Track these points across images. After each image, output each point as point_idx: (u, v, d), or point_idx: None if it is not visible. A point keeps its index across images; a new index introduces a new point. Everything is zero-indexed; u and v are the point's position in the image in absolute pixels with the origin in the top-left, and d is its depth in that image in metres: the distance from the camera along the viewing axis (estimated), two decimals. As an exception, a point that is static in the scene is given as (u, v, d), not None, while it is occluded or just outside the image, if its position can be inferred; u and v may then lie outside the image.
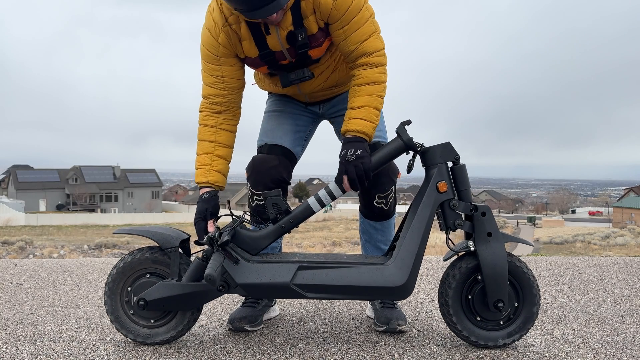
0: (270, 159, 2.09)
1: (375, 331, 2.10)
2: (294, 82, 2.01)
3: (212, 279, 1.69)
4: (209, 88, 1.99)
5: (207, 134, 2.00)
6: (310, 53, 1.95)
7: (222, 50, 1.95)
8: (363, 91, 1.91)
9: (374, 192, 2.08)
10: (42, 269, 3.27)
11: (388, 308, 2.13)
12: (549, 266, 3.48)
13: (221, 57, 1.95)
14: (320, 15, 1.87)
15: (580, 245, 31.35)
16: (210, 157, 1.99)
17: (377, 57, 1.91)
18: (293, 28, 1.88)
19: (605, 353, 1.89)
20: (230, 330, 2.07)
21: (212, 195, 1.95)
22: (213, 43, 1.94)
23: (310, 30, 1.90)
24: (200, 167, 1.99)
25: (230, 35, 1.92)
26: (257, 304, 2.16)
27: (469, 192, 1.88)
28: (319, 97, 2.20)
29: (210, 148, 1.99)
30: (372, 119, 1.91)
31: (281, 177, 2.08)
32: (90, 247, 27.06)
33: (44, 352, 1.86)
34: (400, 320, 2.05)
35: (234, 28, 1.91)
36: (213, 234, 1.83)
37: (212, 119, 2.00)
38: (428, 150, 1.87)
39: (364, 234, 2.23)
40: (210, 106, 2.00)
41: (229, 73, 1.98)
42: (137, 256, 1.88)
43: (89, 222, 44.93)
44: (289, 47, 1.92)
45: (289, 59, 1.97)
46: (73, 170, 63.01)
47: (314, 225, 42.75)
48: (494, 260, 1.83)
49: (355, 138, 1.89)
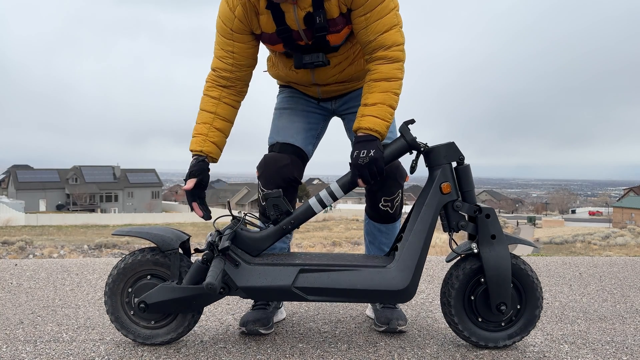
0: (282, 158, 2.06)
1: (375, 331, 2.09)
2: (307, 65, 1.97)
3: (212, 288, 1.67)
4: (218, 61, 1.98)
5: (209, 104, 1.99)
6: (328, 38, 1.91)
7: (237, 24, 1.92)
8: (378, 87, 1.84)
9: (380, 194, 2.05)
10: (42, 269, 3.27)
11: (388, 308, 2.12)
12: (549, 266, 3.48)
13: (235, 31, 1.93)
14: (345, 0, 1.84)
15: (580, 245, 31.35)
16: (208, 128, 1.97)
17: (396, 52, 1.85)
18: (312, 9, 1.84)
19: (605, 353, 1.88)
20: (243, 333, 2.03)
21: (199, 161, 1.94)
22: (229, 15, 1.91)
23: (330, 13, 1.86)
24: (196, 135, 1.97)
25: (247, 8, 1.89)
26: (268, 306, 2.12)
27: (473, 193, 1.86)
28: (332, 92, 2.16)
29: (209, 119, 1.98)
30: (386, 117, 1.84)
31: (292, 177, 2.05)
32: (90, 247, 27.06)
33: (44, 352, 1.86)
34: (400, 321, 2.04)
35: (252, 1, 1.88)
36: (213, 239, 1.81)
37: (216, 90, 1.99)
38: (432, 150, 1.84)
39: (368, 235, 2.21)
40: (216, 79, 1.99)
41: (240, 50, 1.96)
42: (138, 257, 1.87)
43: (89, 222, 44.92)
44: (305, 28, 1.89)
45: (305, 41, 1.94)
46: (73, 170, 63.01)
47: (314, 225, 42.75)
48: (497, 263, 1.81)
49: (367, 137, 1.83)
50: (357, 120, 1.87)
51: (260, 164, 2.09)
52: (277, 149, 2.11)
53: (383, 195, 2.05)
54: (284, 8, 1.86)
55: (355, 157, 1.81)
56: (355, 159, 1.81)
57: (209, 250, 1.81)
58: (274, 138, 2.16)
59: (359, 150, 1.81)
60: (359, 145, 1.82)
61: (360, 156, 1.79)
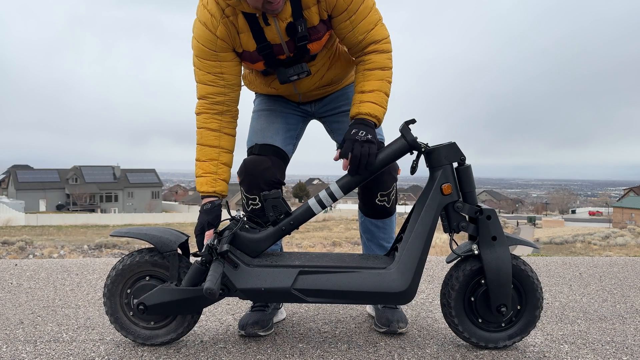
0: (263, 161, 2.01)
1: (375, 331, 2.09)
2: (292, 78, 1.94)
3: (211, 293, 1.66)
4: (207, 87, 1.90)
5: (211, 138, 1.91)
6: (309, 46, 1.91)
7: (221, 44, 1.87)
8: (374, 76, 1.89)
9: (376, 190, 2.04)
10: (42, 269, 3.27)
11: (389, 309, 2.11)
12: (549, 266, 3.48)
13: (219, 51, 1.88)
14: (325, 6, 1.83)
15: (580, 245, 31.34)
16: (216, 165, 1.91)
17: (385, 44, 1.90)
18: (292, 19, 1.83)
19: (605, 353, 1.88)
20: (242, 336, 2.02)
21: (214, 206, 1.88)
22: (209, 37, 1.85)
23: (310, 21, 1.85)
24: (204, 175, 1.90)
25: (229, 27, 1.85)
26: (267, 308, 2.11)
27: (474, 193, 1.85)
28: (312, 96, 2.15)
29: (215, 154, 1.91)
30: (382, 103, 1.88)
31: (275, 179, 2.01)
32: (90, 247, 27.05)
33: (44, 352, 1.85)
34: (401, 323, 2.03)
35: (231, 20, 1.84)
36: (212, 242, 1.79)
37: (214, 121, 1.92)
38: (433, 150, 1.83)
39: (365, 233, 2.20)
40: (210, 106, 1.91)
41: (229, 69, 1.91)
42: (136, 258, 1.86)
43: (89, 222, 44.91)
44: (288, 39, 1.87)
45: (286, 53, 1.91)
46: (73, 170, 63.01)
47: (314, 225, 42.74)
48: (498, 265, 1.81)
49: (366, 121, 1.84)
50: (355, 107, 1.88)
51: (240, 169, 2.03)
52: (256, 151, 2.06)
53: (379, 190, 2.04)
54: (269, 20, 1.84)
55: (353, 134, 1.80)
56: (352, 135, 1.80)
57: (207, 253, 1.79)
58: (252, 140, 2.11)
59: (357, 129, 1.81)
60: (358, 126, 1.83)
61: (359, 134, 1.80)
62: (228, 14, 1.84)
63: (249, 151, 2.10)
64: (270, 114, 2.15)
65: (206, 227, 1.86)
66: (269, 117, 2.15)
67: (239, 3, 1.81)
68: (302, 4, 1.82)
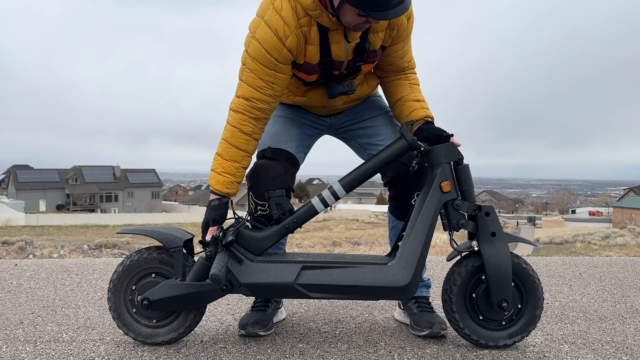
0: (275, 167, 1.98)
1: (375, 331, 2.10)
2: (341, 94, 1.98)
3: (217, 279, 1.69)
4: (254, 91, 1.85)
5: (241, 141, 1.89)
6: (362, 67, 1.97)
7: (285, 55, 1.82)
8: (418, 89, 2.07)
9: (414, 190, 2.02)
10: (42, 269, 3.27)
11: (427, 312, 2.07)
12: (549, 266, 3.48)
13: (281, 62, 1.83)
14: (396, 33, 1.92)
15: (580, 245, 31.35)
16: (237, 168, 1.90)
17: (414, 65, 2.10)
18: (360, 40, 1.88)
19: (605, 353, 1.89)
20: (242, 335, 2.02)
21: (222, 203, 1.89)
22: (276, 45, 1.79)
23: (373, 45, 1.91)
24: (223, 175, 1.89)
25: (299, 38, 1.81)
26: (267, 307, 2.10)
27: (472, 192, 1.88)
28: (337, 109, 2.15)
29: (239, 157, 1.90)
30: None
31: (287, 187, 1.99)
32: (90, 247, 27.07)
33: (44, 352, 1.86)
34: (442, 325, 2.00)
35: (304, 31, 1.81)
36: (217, 234, 1.82)
37: (249, 125, 1.89)
38: (432, 150, 1.86)
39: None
40: (251, 110, 1.87)
41: (281, 81, 1.87)
42: (144, 255, 1.89)
43: (89, 222, 44.93)
44: (351, 58, 1.91)
45: (340, 71, 1.94)
46: (73, 170, 63.03)
47: (314, 225, 42.75)
48: (497, 260, 1.83)
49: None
50: (422, 110, 2.00)
51: (251, 173, 2.00)
52: (269, 154, 2.02)
53: (416, 190, 2.02)
54: (334, 39, 1.85)
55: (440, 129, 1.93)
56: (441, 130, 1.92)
57: (212, 246, 1.82)
58: (265, 143, 2.06)
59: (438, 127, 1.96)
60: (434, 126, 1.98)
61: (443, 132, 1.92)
62: (303, 24, 1.80)
63: (261, 154, 2.06)
64: (287, 121, 2.13)
65: (211, 224, 1.88)
66: (286, 123, 2.12)
67: (321, 15, 1.79)
68: (371, 27, 1.85)
